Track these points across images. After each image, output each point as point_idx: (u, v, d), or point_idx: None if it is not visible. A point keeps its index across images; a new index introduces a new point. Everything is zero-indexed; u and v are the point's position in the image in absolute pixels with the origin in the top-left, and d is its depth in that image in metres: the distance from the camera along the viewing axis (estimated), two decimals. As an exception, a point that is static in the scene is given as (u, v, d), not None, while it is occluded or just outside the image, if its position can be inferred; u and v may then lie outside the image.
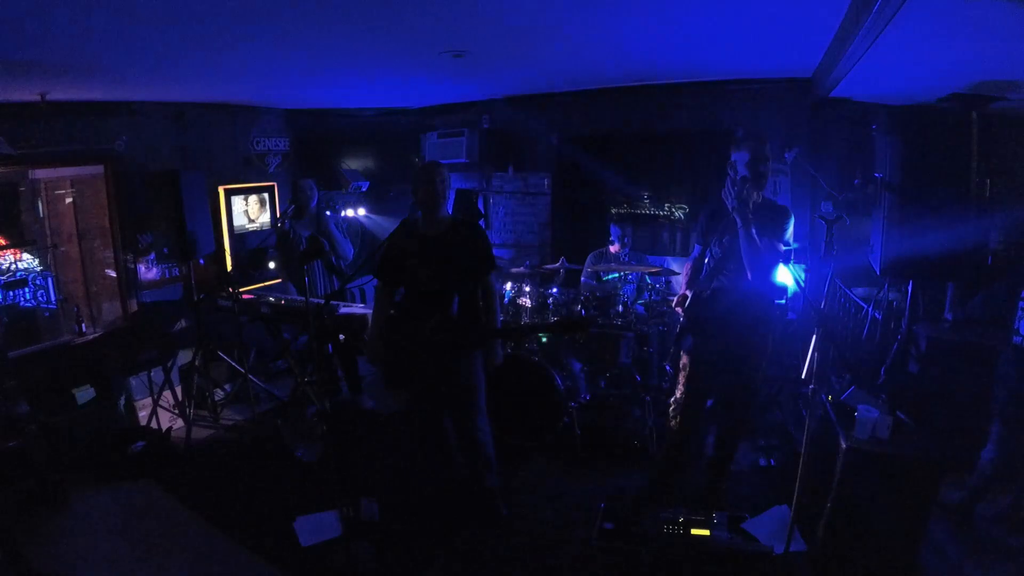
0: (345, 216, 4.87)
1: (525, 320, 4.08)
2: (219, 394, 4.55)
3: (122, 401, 3.96)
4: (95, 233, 4.45)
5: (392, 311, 2.99)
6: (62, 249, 4.27)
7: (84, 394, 4.01)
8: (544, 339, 4.09)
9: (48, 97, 3.59)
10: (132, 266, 4.45)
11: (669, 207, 4.88)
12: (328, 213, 4.40)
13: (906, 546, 2.45)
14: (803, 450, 2.49)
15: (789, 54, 3.31)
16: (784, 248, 2.76)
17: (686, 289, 3.08)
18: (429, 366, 2.84)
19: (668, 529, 2.83)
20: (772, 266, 2.73)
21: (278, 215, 5.23)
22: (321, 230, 4.25)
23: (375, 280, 4.64)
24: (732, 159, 2.73)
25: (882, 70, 2.55)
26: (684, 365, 3.02)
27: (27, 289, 3.37)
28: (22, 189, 4.09)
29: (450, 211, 3.05)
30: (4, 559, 2.49)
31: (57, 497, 3.31)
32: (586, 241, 4.96)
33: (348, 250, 4.36)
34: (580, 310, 4.02)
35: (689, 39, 2.96)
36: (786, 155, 4.24)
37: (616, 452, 3.70)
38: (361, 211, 5.20)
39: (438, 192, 2.76)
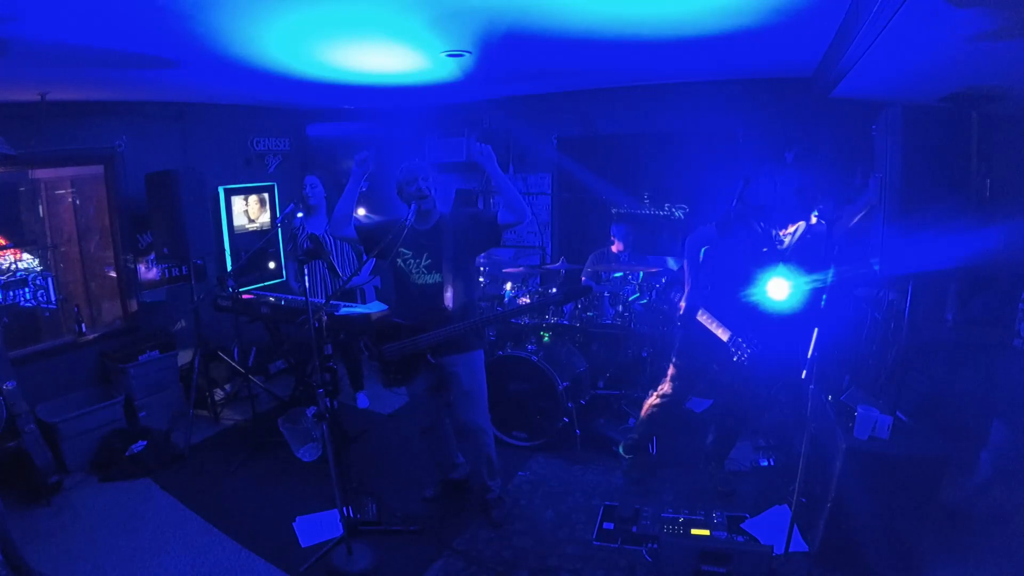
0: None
1: (526, 321, 4.08)
2: (219, 394, 4.55)
3: (122, 401, 3.96)
4: (95, 233, 4.45)
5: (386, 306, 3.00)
6: (62, 249, 4.27)
7: (84, 394, 4.02)
8: (546, 338, 4.10)
9: (48, 97, 3.58)
10: (132, 266, 4.45)
11: (669, 207, 4.87)
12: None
13: (906, 546, 2.45)
14: (803, 450, 2.49)
15: (789, 54, 3.31)
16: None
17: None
18: (431, 368, 2.85)
19: (668, 529, 2.85)
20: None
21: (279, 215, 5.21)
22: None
23: (375, 280, 4.63)
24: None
25: (882, 70, 2.55)
26: (672, 372, 3.25)
27: (27, 289, 3.36)
28: (22, 189, 4.09)
29: (448, 210, 3.06)
30: (4, 559, 2.49)
31: (57, 497, 3.31)
32: (586, 241, 4.96)
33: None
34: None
35: (689, 39, 2.96)
36: (786, 155, 4.23)
37: (616, 452, 3.69)
38: (361, 211, 5.19)
39: (422, 190, 2.73)
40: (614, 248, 4.46)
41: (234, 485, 3.47)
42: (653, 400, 3.32)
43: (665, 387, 3.28)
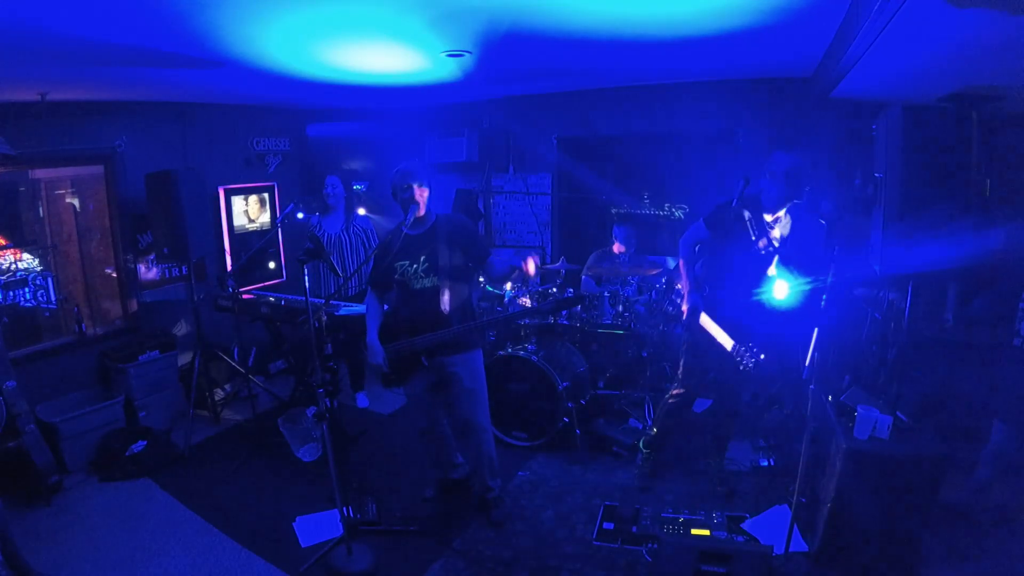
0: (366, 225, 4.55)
1: (526, 321, 4.07)
2: (219, 394, 4.55)
3: (122, 401, 3.96)
4: (95, 233, 4.45)
5: (386, 306, 3.00)
6: (62, 249, 4.27)
7: (84, 394, 4.02)
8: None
9: (48, 97, 3.58)
10: (132, 266, 4.45)
11: (669, 207, 4.87)
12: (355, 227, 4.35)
13: (906, 546, 2.45)
14: (803, 450, 2.50)
15: (789, 54, 3.31)
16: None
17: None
18: (429, 369, 2.85)
19: (668, 529, 2.85)
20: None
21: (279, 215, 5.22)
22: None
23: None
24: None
25: (882, 70, 2.55)
26: (682, 371, 3.22)
27: (27, 289, 3.36)
28: (22, 189, 4.09)
29: (449, 211, 3.06)
30: (4, 559, 2.49)
31: (57, 497, 3.31)
32: (586, 241, 4.96)
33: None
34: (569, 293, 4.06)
35: (689, 39, 2.96)
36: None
37: (616, 452, 3.69)
38: (361, 211, 5.20)
39: (415, 196, 2.74)
40: (615, 248, 4.46)
41: (234, 485, 3.47)
42: (669, 397, 3.33)
43: (678, 387, 3.29)
